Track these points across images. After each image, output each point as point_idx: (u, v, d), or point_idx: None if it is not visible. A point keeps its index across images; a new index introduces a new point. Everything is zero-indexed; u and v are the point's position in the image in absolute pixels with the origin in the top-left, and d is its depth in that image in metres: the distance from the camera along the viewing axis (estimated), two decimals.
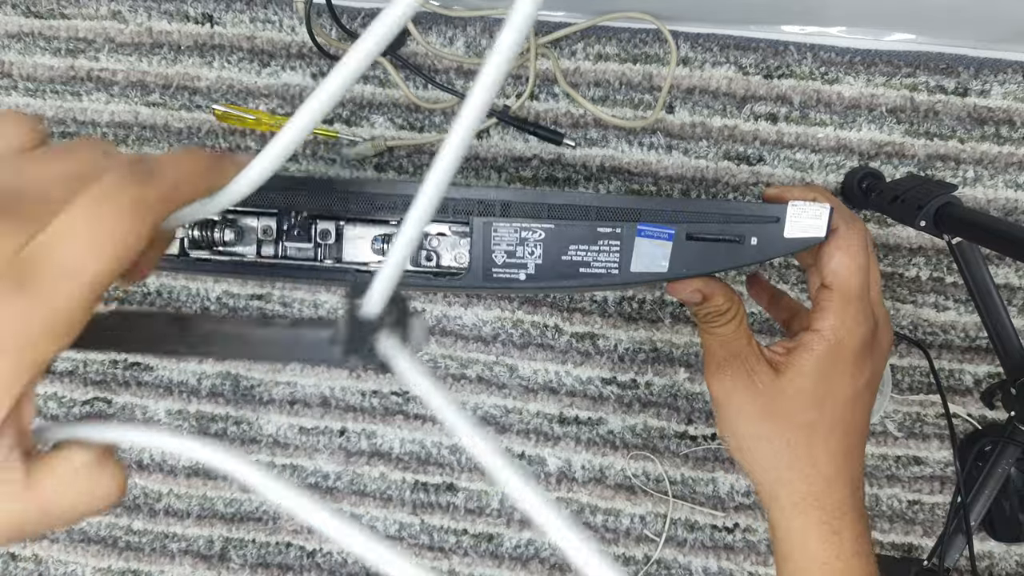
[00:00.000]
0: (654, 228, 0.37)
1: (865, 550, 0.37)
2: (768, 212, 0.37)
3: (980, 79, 0.66)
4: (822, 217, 0.36)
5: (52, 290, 0.19)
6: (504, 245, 0.39)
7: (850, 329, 0.36)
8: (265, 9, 0.69)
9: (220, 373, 0.74)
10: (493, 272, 0.39)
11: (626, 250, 0.38)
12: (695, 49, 0.67)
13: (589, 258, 0.39)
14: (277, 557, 0.75)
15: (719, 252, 0.37)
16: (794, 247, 0.37)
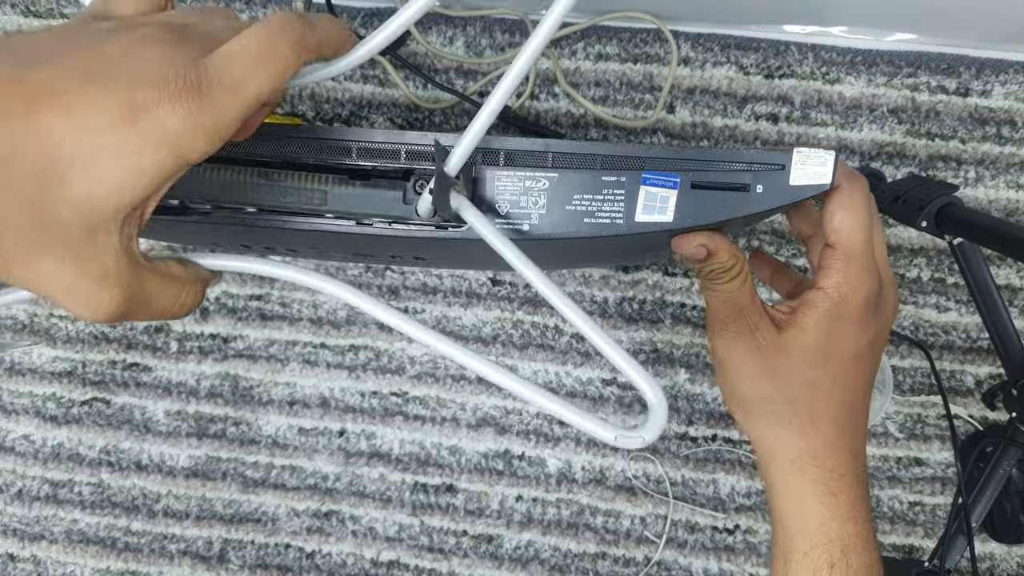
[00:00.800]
0: (659, 176, 0.37)
1: (862, 515, 0.36)
2: (773, 159, 0.36)
3: (981, 79, 0.66)
4: (827, 164, 0.36)
5: (219, 96, 0.22)
6: (508, 195, 0.38)
7: (854, 287, 0.35)
8: (264, 9, 0.69)
9: (219, 374, 0.73)
10: (497, 223, 0.39)
11: (630, 199, 0.38)
12: (696, 49, 0.67)
13: (594, 207, 0.38)
14: (276, 558, 0.75)
15: (725, 200, 0.37)
16: (800, 194, 0.36)
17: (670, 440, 0.72)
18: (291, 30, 0.24)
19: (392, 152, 0.39)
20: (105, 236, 0.22)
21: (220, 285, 0.72)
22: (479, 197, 0.39)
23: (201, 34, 0.24)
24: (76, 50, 0.22)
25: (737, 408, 0.38)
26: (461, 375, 0.72)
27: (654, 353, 0.71)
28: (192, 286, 0.28)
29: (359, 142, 0.39)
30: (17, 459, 0.76)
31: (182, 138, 0.22)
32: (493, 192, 0.39)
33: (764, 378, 0.36)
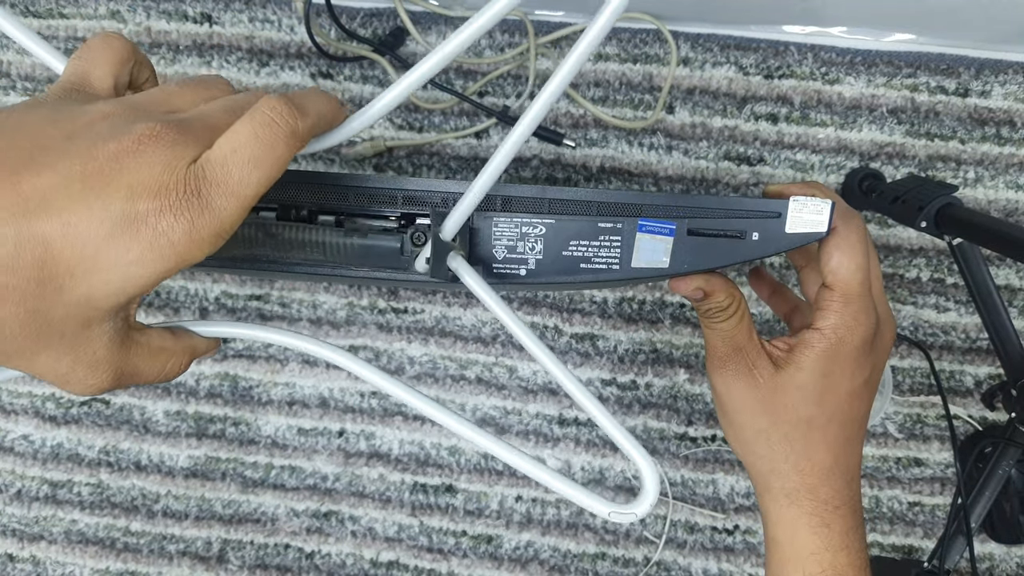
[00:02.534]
0: (655, 223, 0.37)
1: (855, 545, 0.37)
2: (770, 207, 0.37)
3: (981, 80, 0.66)
4: (823, 213, 0.36)
5: (219, 201, 0.22)
6: (505, 240, 0.39)
7: (851, 328, 0.36)
8: (264, 9, 0.69)
9: (218, 374, 0.73)
10: (493, 268, 0.39)
11: (627, 245, 0.38)
12: (695, 49, 0.67)
13: (590, 253, 0.38)
14: (275, 558, 0.75)
15: (720, 247, 0.37)
16: (796, 242, 0.36)
17: (669, 440, 0.72)
18: (283, 123, 0.24)
19: (389, 198, 0.39)
20: (99, 326, 0.23)
21: (220, 285, 0.72)
22: (475, 242, 0.39)
23: (198, 125, 0.24)
24: (72, 151, 0.22)
25: (735, 441, 0.39)
26: (461, 375, 0.72)
27: (653, 353, 0.71)
28: (178, 357, 0.29)
29: (357, 187, 0.39)
30: (16, 459, 0.76)
31: (185, 247, 0.22)
32: (490, 236, 0.39)
33: (761, 414, 0.37)
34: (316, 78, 0.69)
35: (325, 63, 0.69)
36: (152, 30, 0.69)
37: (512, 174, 0.69)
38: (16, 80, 0.71)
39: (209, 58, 0.70)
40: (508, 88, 0.69)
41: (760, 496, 0.39)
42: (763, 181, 0.68)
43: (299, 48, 0.69)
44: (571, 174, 0.69)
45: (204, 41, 0.70)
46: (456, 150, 0.69)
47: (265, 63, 0.69)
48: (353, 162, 0.70)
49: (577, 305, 0.71)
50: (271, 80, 0.69)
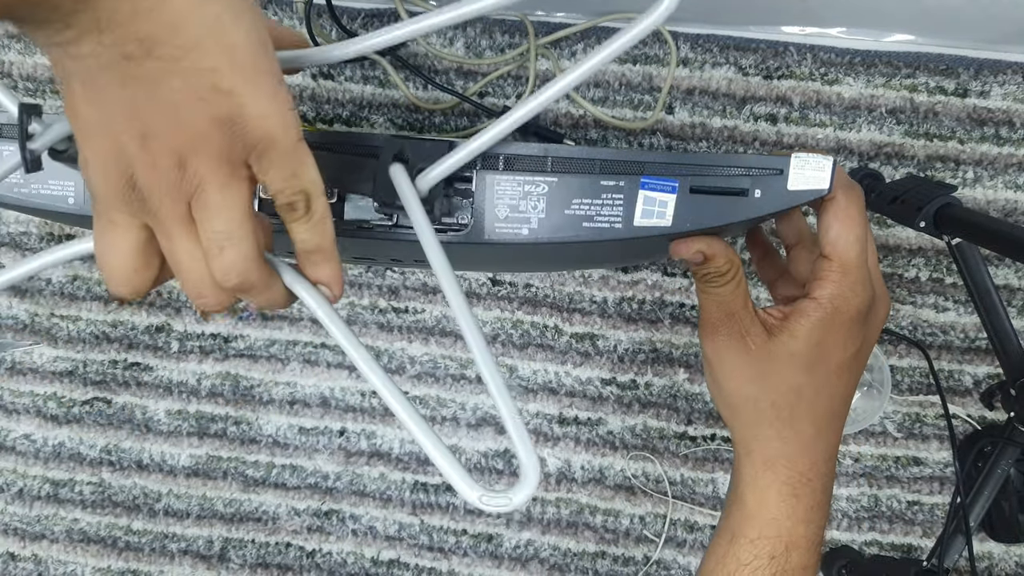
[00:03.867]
0: (657, 181, 0.37)
1: (816, 520, 0.38)
2: (772, 164, 0.36)
3: (980, 80, 0.66)
4: (825, 169, 0.36)
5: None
6: (507, 199, 0.39)
7: (847, 299, 0.36)
8: (265, 9, 0.69)
9: (220, 373, 0.74)
10: (496, 227, 0.39)
11: (629, 203, 0.38)
12: (695, 50, 0.67)
13: (592, 212, 0.38)
14: (276, 557, 0.75)
15: (723, 205, 0.37)
16: (798, 199, 0.36)
17: (669, 439, 0.72)
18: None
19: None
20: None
21: None
22: (477, 201, 0.39)
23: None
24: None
25: (722, 405, 0.40)
26: (461, 375, 0.72)
27: (653, 353, 0.71)
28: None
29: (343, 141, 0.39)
30: (18, 459, 0.76)
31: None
32: (493, 196, 0.39)
33: (751, 380, 0.38)
34: (317, 78, 0.69)
35: (325, 63, 0.69)
36: None
37: None
38: (18, 80, 0.71)
39: None
40: (508, 89, 0.69)
41: (737, 457, 0.40)
42: None
43: None
44: None
45: None
46: None
47: None
48: None
49: (577, 305, 0.71)
50: None
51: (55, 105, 0.71)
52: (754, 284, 0.70)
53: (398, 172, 0.36)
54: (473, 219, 0.39)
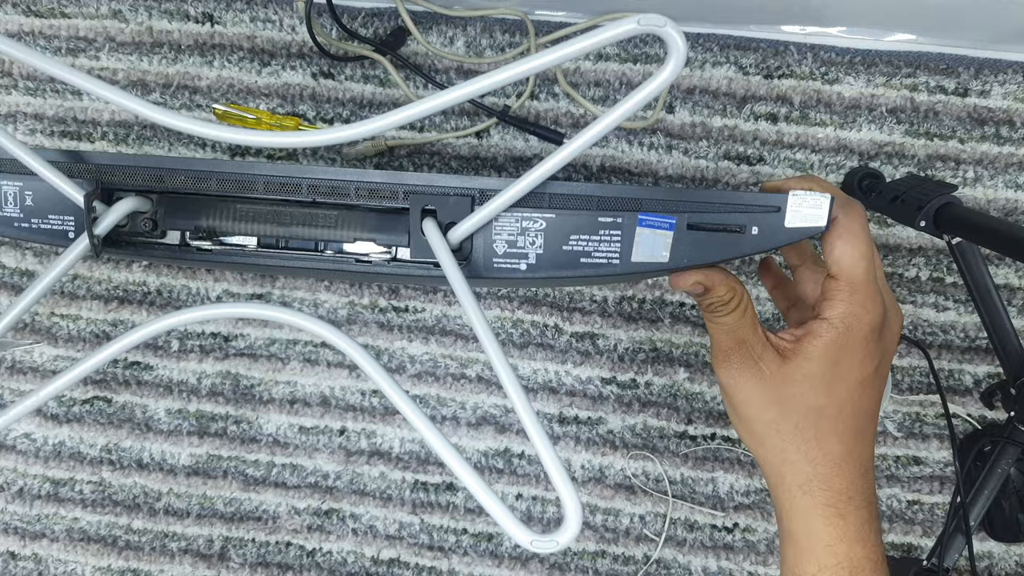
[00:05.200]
0: (655, 218, 0.37)
1: (871, 538, 0.36)
2: (769, 202, 0.37)
3: (980, 79, 0.66)
4: (822, 207, 0.36)
5: None
6: (505, 235, 0.39)
7: (859, 316, 0.36)
8: (265, 8, 0.69)
9: (220, 372, 0.74)
10: (494, 262, 0.39)
11: (627, 240, 0.38)
12: (695, 49, 0.67)
13: (590, 248, 0.39)
14: (277, 556, 0.75)
15: (720, 242, 0.37)
16: (795, 236, 0.37)
17: (669, 439, 0.72)
18: None
19: (391, 192, 0.40)
20: None
21: (221, 284, 0.73)
22: (476, 237, 0.39)
23: None
24: None
25: (746, 434, 0.39)
26: (461, 374, 0.72)
27: (653, 352, 0.71)
28: None
29: (357, 182, 0.40)
30: (18, 457, 0.76)
31: None
32: (491, 232, 0.39)
33: (770, 405, 0.37)
34: (317, 78, 0.70)
35: (326, 63, 0.69)
36: (153, 30, 0.70)
37: (512, 173, 0.69)
38: (18, 80, 0.71)
39: (211, 58, 0.70)
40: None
41: (773, 490, 0.39)
42: (763, 181, 0.68)
43: (300, 48, 0.69)
44: (571, 173, 0.70)
45: (206, 41, 0.70)
46: (457, 149, 0.70)
47: (267, 63, 0.70)
48: (354, 161, 0.70)
49: (577, 304, 0.71)
50: (273, 80, 0.70)
51: (55, 104, 0.72)
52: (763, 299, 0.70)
53: (431, 228, 0.37)
54: (472, 252, 0.39)
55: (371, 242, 0.40)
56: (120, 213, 0.39)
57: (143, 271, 0.73)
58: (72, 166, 0.41)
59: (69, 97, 0.71)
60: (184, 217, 0.41)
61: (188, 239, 0.41)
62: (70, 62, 0.71)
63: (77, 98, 0.71)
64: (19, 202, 0.42)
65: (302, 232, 0.40)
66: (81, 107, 0.71)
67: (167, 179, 0.40)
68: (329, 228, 0.40)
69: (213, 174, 0.40)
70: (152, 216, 0.40)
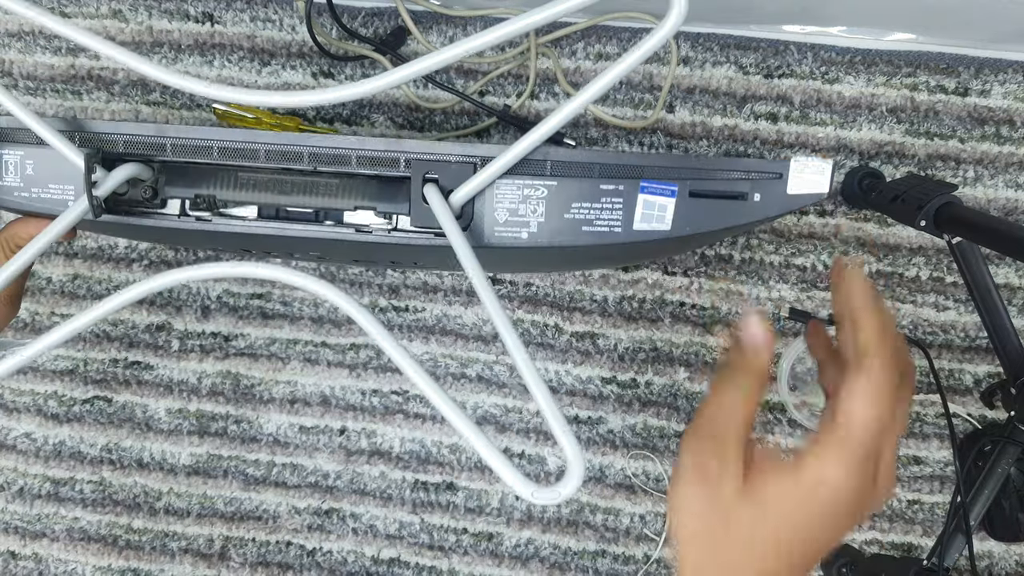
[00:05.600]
0: (657, 185, 0.37)
1: None
2: (771, 168, 0.36)
3: (980, 79, 0.66)
4: (824, 172, 0.36)
5: None
6: (507, 203, 0.39)
7: (837, 484, 0.30)
8: (265, 8, 0.69)
9: (220, 372, 0.74)
10: (496, 231, 0.39)
11: (628, 207, 0.38)
12: (695, 49, 0.67)
13: (592, 216, 0.38)
14: (277, 556, 0.75)
15: (722, 209, 0.37)
16: (797, 203, 0.36)
17: (669, 438, 0.72)
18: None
19: (391, 160, 0.39)
20: None
21: (221, 283, 0.73)
22: (477, 206, 0.39)
23: None
24: None
25: (677, 538, 0.33)
26: (462, 373, 0.72)
27: (653, 352, 0.71)
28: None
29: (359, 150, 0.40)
30: (19, 457, 0.76)
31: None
32: (492, 200, 0.39)
33: (706, 543, 0.32)
34: (317, 77, 0.69)
35: (326, 62, 0.69)
36: (154, 29, 0.70)
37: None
38: (18, 79, 0.71)
39: (211, 57, 0.70)
40: (509, 87, 0.69)
41: None
42: None
43: (300, 47, 0.69)
44: None
45: (206, 40, 0.70)
46: None
47: (267, 62, 0.70)
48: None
49: (577, 304, 0.71)
50: (273, 79, 0.70)
51: (55, 104, 0.72)
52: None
53: (433, 194, 0.37)
54: (473, 221, 0.39)
55: (371, 211, 0.40)
56: (120, 177, 0.39)
57: (143, 270, 0.73)
58: (74, 134, 0.41)
59: (69, 97, 0.71)
60: (184, 185, 0.40)
61: (188, 209, 0.41)
62: (70, 62, 0.71)
63: (77, 98, 0.71)
64: (20, 171, 0.42)
65: (302, 200, 0.39)
66: (81, 107, 0.71)
67: (168, 148, 0.40)
68: (330, 196, 0.39)
69: (214, 142, 0.40)
70: (152, 184, 0.40)
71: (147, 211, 0.41)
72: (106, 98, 0.71)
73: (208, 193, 0.40)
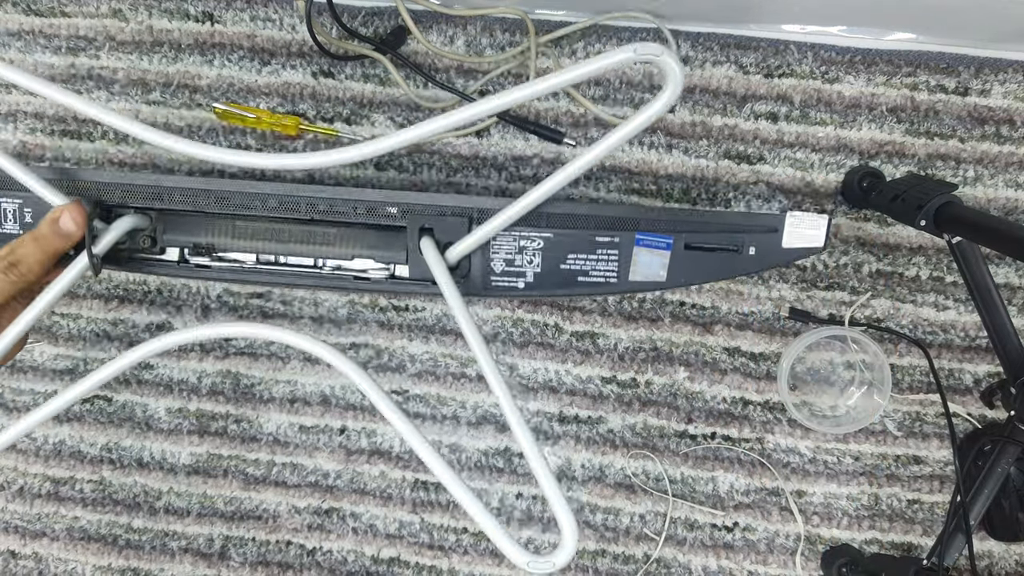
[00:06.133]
0: (652, 237, 0.38)
1: None
2: (766, 222, 0.37)
3: (980, 78, 0.66)
4: (820, 227, 0.36)
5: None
6: (503, 254, 0.39)
7: None
8: (265, 7, 0.69)
9: (220, 371, 0.74)
10: (492, 280, 0.39)
11: (624, 259, 0.38)
12: (695, 48, 0.67)
13: (588, 267, 0.39)
14: (277, 555, 0.75)
15: (717, 261, 0.37)
16: (792, 256, 0.37)
17: (669, 438, 0.72)
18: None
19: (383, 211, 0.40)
20: None
21: (221, 283, 0.73)
22: (474, 256, 0.39)
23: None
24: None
25: None
26: (461, 373, 0.72)
27: (653, 351, 0.71)
28: None
29: (357, 200, 0.40)
30: (18, 456, 0.76)
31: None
32: (489, 250, 0.39)
33: None
34: (317, 77, 0.69)
35: (326, 62, 0.69)
36: (154, 29, 0.70)
37: (512, 172, 0.69)
38: None
39: (210, 57, 0.70)
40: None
41: None
42: (763, 179, 0.68)
43: (300, 47, 0.69)
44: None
45: (206, 40, 0.70)
46: (457, 149, 0.70)
47: (267, 62, 0.70)
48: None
49: (577, 303, 0.71)
50: (273, 79, 0.70)
51: (55, 103, 0.71)
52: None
53: (428, 249, 0.37)
54: (470, 271, 0.39)
55: (370, 259, 0.40)
56: (119, 232, 0.39)
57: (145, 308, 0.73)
58: (70, 183, 0.41)
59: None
60: (183, 234, 0.41)
61: (187, 255, 0.41)
62: (70, 61, 0.71)
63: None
64: (19, 219, 0.42)
65: (300, 249, 0.40)
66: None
67: (166, 197, 0.40)
68: (327, 245, 0.40)
69: (212, 192, 0.40)
70: (151, 233, 0.40)
71: (147, 259, 0.42)
72: (106, 98, 0.71)
73: (207, 242, 0.40)
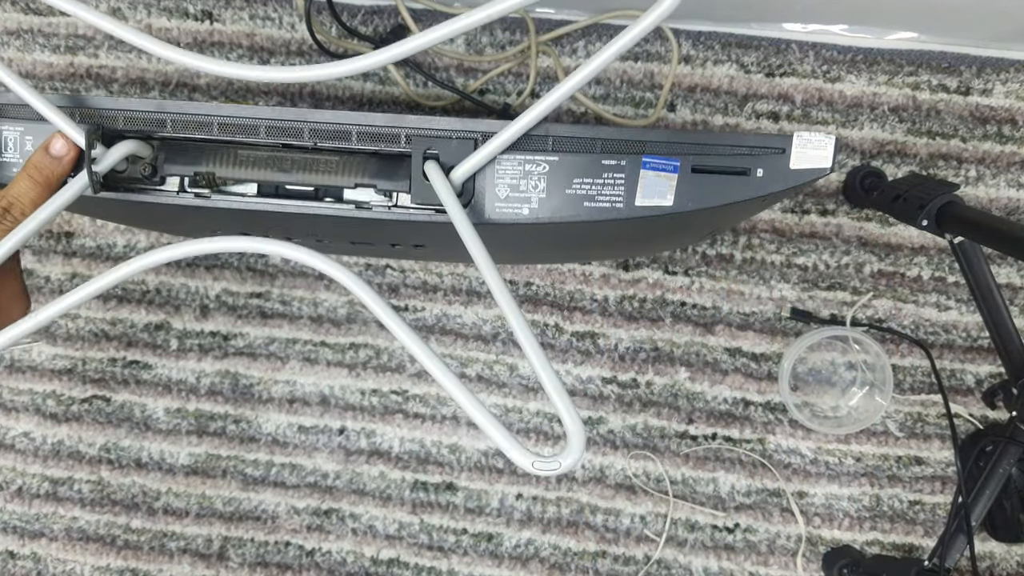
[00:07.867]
0: (659, 160, 0.37)
1: None
2: (774, 143, 0.36)
3: (982, 78, 0.66)
4: (827, 147, 0.36)
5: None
6: (508, 179, 0.38)
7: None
8: (265, 6, 0.69)
9: (219, 371, 0.73)
10: (496, 207, 0.39)
11: (631, 183, 0.37)
12: (697, 47, 0.67)
13: (594, 191, 0.38)
14: (276, 556, 0.75)
15: (725, 184, 0.36)
16: (800, 179, 0.36)
17: (670, 438, 0.72)
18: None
19: (392, 136, 0.39)
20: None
21: (220, 283, 0.72)
22: (477, 182, 0.39)
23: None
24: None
25: None
26: (461, 373, 0.72)
27: (654, 351, 0.71)
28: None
29: (359, 126, 0.39)
30: (17, 456, 0.76)
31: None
32: (493, 176, 0.39)
33: None
34: None
35: (325, 60, 0.69)
36: (153, 27, 0.69)
37: None
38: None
39: (210, 56, 0.69)
40: (509, 86, 0.68)
41: None
42: None
43: (300, 45, 0.69)
44: None
45: (205, 38, 0.70)
46: None
47: (266, 60, 0.69)
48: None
49: (578, 303, 0.71)
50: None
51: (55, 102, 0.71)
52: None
53: (433, 170, 0.36)
54: (473, 197, 0.39)
55: (371, 188, 0.39)
56: (120, 153, 0.39)
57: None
58: (75, 111, 0.41)
59: (69, 94, 0.71)
60: (183, 163, 0.40)
61: (186, 186, 0.41)
62: (69, 60, 0.70)
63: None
64: (19, 147, 0.42)
65: (302, 178, 0.39)
66: None
67: (168, 124, 0.40)
68: (330, 174, 0.39)
69: (214, 118, 0.39)
70: (152, 161, 0.40)
71: (146, 188, 0.41)
72: (105, 96, 0.71)
73: (207, 170, 0.39)
